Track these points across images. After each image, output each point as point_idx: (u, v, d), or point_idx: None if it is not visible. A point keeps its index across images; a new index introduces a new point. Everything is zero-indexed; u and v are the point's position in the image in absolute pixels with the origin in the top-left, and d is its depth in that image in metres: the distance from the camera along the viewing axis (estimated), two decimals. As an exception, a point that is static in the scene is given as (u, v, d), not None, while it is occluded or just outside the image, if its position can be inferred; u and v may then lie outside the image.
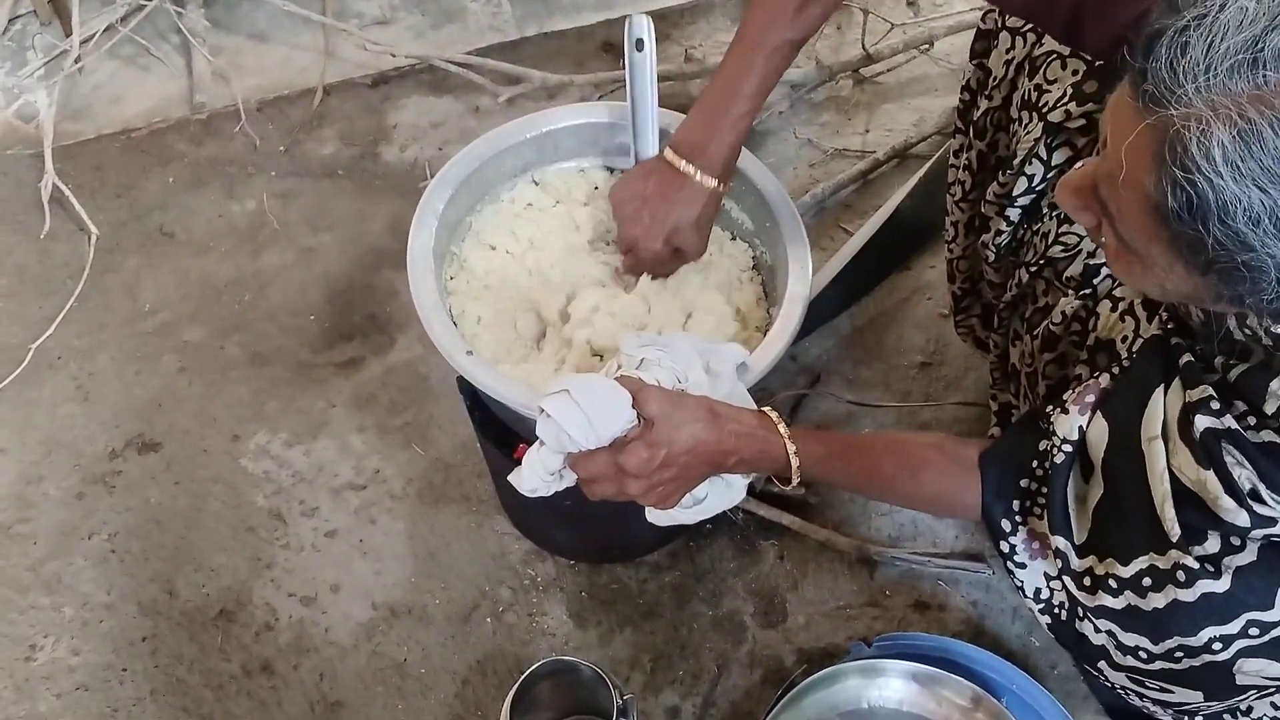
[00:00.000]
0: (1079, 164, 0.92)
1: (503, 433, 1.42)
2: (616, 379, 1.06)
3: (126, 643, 1.49)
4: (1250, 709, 1.20)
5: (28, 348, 1.74)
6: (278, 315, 1.80)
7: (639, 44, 1.26)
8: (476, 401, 1.42)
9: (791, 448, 1.10)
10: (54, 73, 2.06)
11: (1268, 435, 0.91)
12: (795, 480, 1.13)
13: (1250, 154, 0.71)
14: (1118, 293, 1.15)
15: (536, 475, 1.09)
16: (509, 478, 1.11)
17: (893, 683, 1.35)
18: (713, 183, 1.25)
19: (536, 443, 1.09)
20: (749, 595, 1.54)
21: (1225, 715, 1.20)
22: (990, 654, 1.41)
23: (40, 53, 2.12)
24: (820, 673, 1.34)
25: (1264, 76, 0.71)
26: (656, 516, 1.14)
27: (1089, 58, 1.15)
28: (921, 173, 1.83)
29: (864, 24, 2.02)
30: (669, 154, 1.26)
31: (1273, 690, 1.08)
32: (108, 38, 2.10)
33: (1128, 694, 1.18)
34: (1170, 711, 1.19)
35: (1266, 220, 0.72)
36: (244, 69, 2.10)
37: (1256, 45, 0.71)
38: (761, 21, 1.21)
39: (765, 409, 1.13)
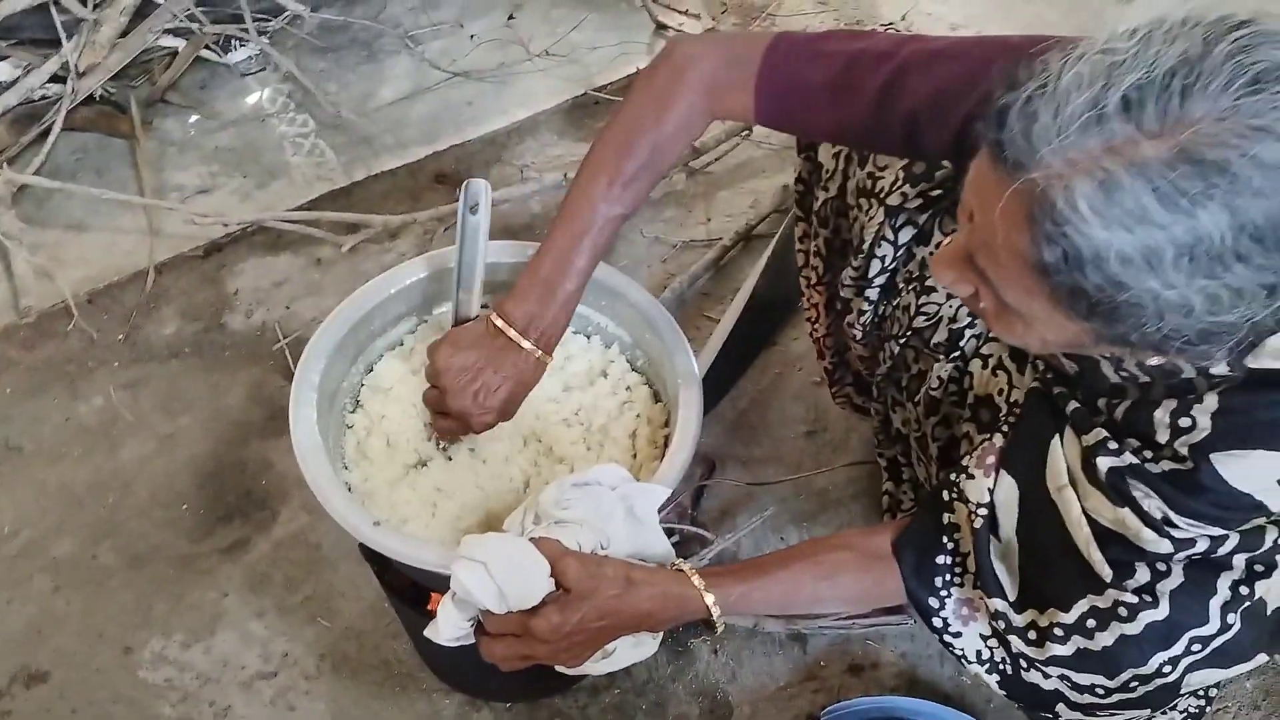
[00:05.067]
0: (946, 240, 0.96)
1: (412, 587, 1.38)
2: (536, 539, 1.05)
3: None
4: (1176, 702, 1.25)
5: (-122, 600, 1.62)
6: (149, 511, 1.72)
7: (474, 208, 1.25)
8: (381, 562, 1.37)
9: (710, 599, 1.11)
10: None
11: (1167, 465, 0.96)
12: (720, 628, 1.13)
13: (1112, 201, 0.75)
14: (985, 350, 1.21)
15: (452, 625, 1.08)
16: (425, 632, 1.10)
17: (850, 757, 1.35)
18: (544, 356, 1.23)
19: (449, 593, 1.07)
20: (692, 697, 1.53)
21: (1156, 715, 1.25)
22: (930, 703, 1.43)
23: None
24: (779, 764, 1.33)
25: (1111, 130, 0.76)
26: (565, 669, 1.13)
27: None
28: (769, 251, 1.88)
29: (684, 118, 2.09)
30: (499, 323, 1.21)
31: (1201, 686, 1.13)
32: (-86, 255, 1.99)
33: None
34: (1111, 725, 1.23)
35: (1138, 258, 0.76)
36: (67, 262, 2.02)
37: (1099, 104, 0.76)
38: (590, 197, 1.18)
39: (679, 561, 1.14)
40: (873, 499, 1.69)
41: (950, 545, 1.13)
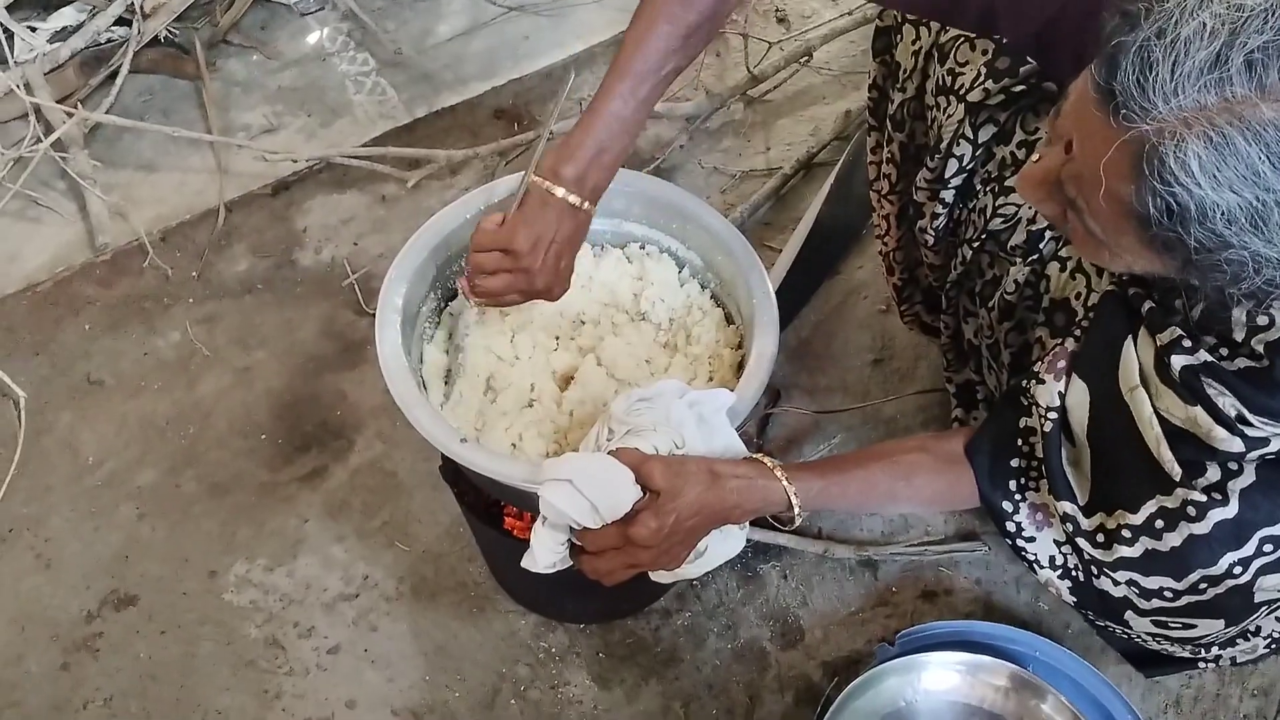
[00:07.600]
0: (1034, 156, 0.94)
1: (489, 509, 1.41)
2: (614, 453, 1.07)
3: (146, 808, 1.44)
4: (1259, 628, 1.25)
5: (-27, 527, 1.67)
6: (228, 441, 1.76)
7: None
8: (459, 484, 1.40)
9: (791, 488, 1.12)
10: (-59, 241, 1.98)
11: (1243, 362, 0.96)
12: (798, 519, 1.14)
13: (1225, 163, 0.75)
14: (1064, 253, 1.19)
15: (548, 551, 1.09)
16: (522, 563, 1.11)
17: (926, 676, 1.37)
18: (589, 206, 1.20)
19: (539, 519, 1.08)
20: (762, 621, 1.55)
21: (1237, 638, 1.25)
22: (1007, 627, 1.44)
23: (-77, 224, 2.04)
24: (854, 682, 1.35)
25: (1231, 90, 0.75)
26: (661, 575, 1.15)
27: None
28: (831, 178, 1.87)
29: (745, 48, 2.08)
30: (547, 184, 1.17)
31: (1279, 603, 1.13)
32: (-9, 195, 2.03)
33: (1147, 639, 1.21)
34: (1189, 647, 1.23)
35: (1243, 219, 0.76)
36: (140, 202, 2.06)
37: (1221, 61, 0.74)
38: (645, 49, 1.14)
39: (758, 455, 1.15)
40: (942, 426, 1.69)
41: (1025, 449, 1.13)
